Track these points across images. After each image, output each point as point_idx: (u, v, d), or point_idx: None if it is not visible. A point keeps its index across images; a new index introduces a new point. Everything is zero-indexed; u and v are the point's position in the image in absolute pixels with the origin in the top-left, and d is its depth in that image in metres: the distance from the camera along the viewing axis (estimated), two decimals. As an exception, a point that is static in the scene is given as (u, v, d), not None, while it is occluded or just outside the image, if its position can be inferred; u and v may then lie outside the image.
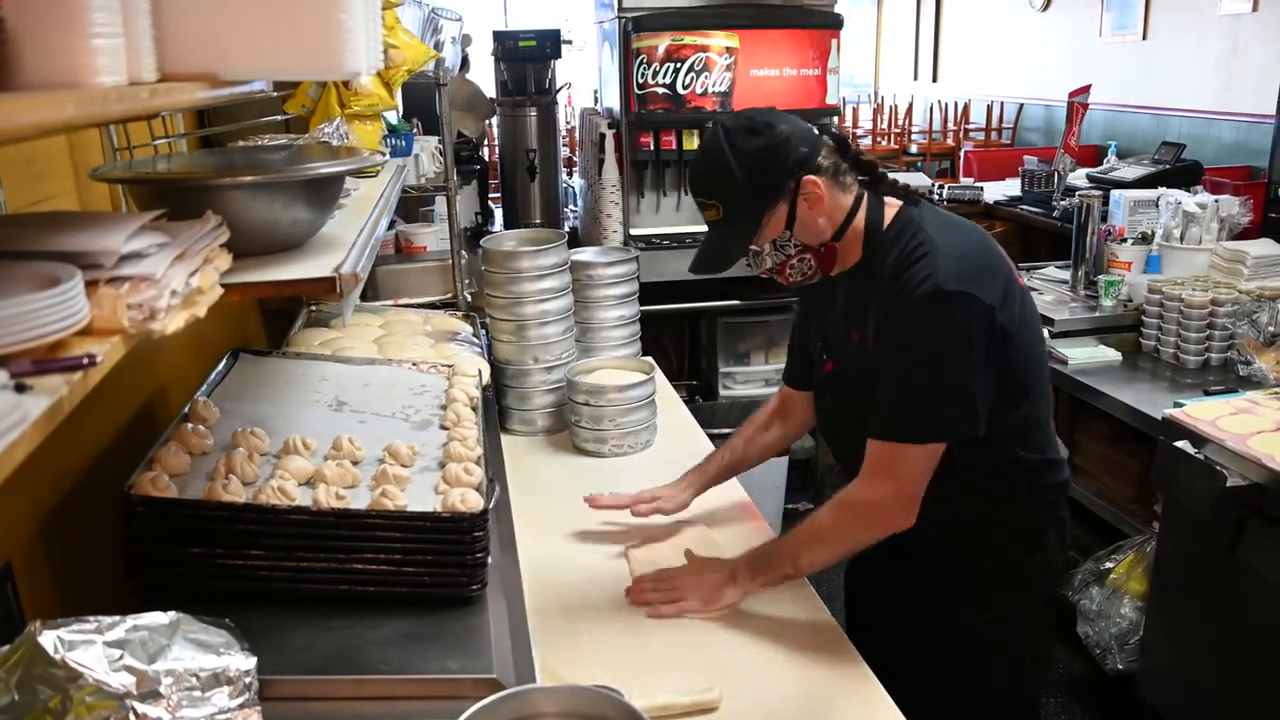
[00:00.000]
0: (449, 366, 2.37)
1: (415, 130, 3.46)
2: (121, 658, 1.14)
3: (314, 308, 2.98)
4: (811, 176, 1.74)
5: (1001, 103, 7.08)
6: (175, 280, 1.01)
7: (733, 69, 4.14)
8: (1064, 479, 1.96)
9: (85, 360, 0.86)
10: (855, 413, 1.82)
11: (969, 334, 1.67)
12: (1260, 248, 3.53)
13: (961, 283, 1.66)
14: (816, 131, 1.80)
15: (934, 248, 1.70)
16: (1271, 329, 3.15)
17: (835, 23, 4.24)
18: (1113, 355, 3.41)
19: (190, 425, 1.77)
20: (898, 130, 7.32)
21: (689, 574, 1.96)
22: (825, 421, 2.08)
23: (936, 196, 5.40)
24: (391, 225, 3.56)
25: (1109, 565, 3.13)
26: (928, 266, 1.68)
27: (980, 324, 1.67)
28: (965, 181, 5.85)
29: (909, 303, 1.68)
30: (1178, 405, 2.84)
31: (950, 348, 1.68)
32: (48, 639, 1.10)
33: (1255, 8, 4.81)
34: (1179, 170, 4.62)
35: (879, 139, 7.27)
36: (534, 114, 4.70)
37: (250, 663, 1.25)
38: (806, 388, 2.11)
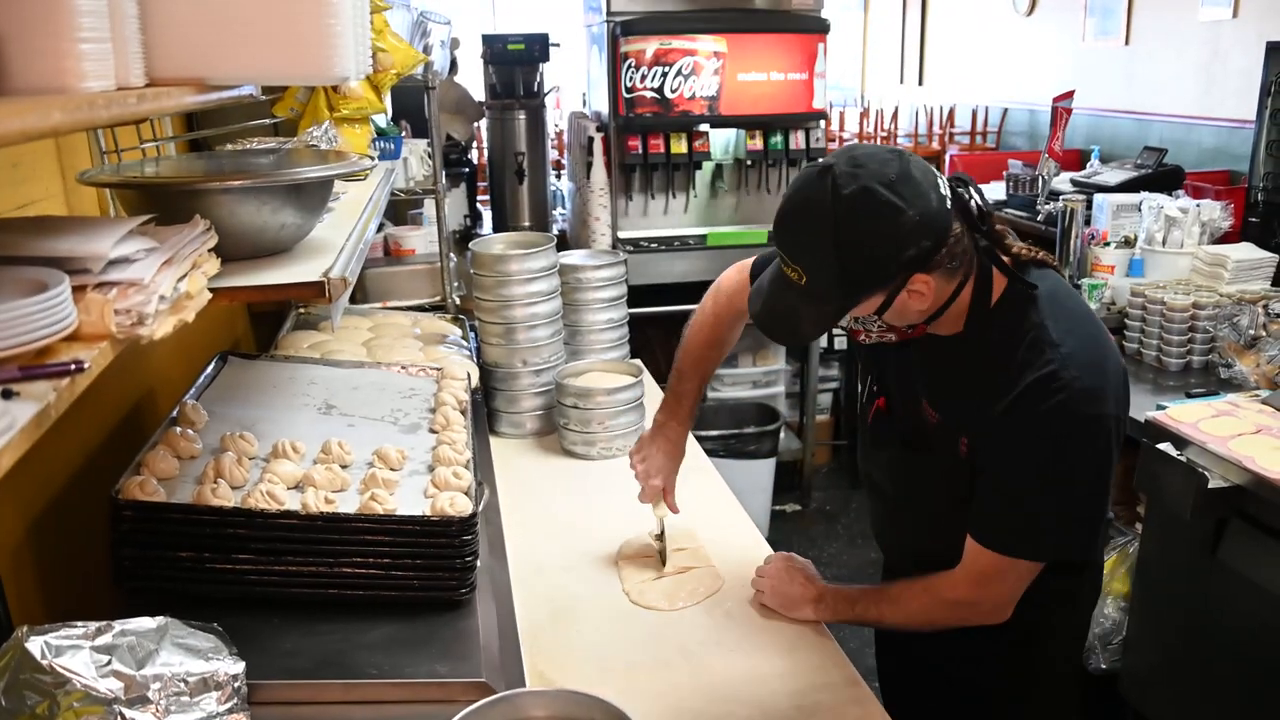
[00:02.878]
0: (438, 370, 2.38)
1: (404, 133, 3.46)
2: (109, 663, 1.14)
3: (302, 310, 2.98)
4: (925, 276, 1.47)
5: (986, 107, 7.10)
6: (163, 285, 1.01)
7: (720, 73, 4.15)
8: (1091, 581, 1.89)
9: (73, 366, 0.86)
10: (902, 463, 1.77)
11: (1100, 458, 1.55)
12: (1241, 252, 3.55)
13: (1095, 403, 1.51)
14: (949, 203, 1.48)
15: (1061, 355, 1.51)
16: (1252, 332, 3.18)
17: (822, 27, 4.26)
18: (1097, 358, 3.43)
19: (178, 429, 1.77)
20: (884, 134, 7.33)
21: (784, 575, 1.91)
22: (868, 446, 1.91)
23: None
24: (380, 228, 3.56)
25: (1094, 567, 3.15)
26: (1058, 379, 1.49)
27: (1110, 445, 1.55)
28: (951, 185, 5.87)
29: (1036, 415, 1.50)
30: (1160, 408, 2.86)
31: (1081, 473, 1.56)
32: (35, 644, 1.10)
33: (1235, 14, 4.84)
34: (1161, 175, 4.64)
35: (865, 143, 7.29)
36: (522, 117, 4.70)
37: (239, 667, 1.26)
38: None
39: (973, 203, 1.54)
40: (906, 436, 1.75)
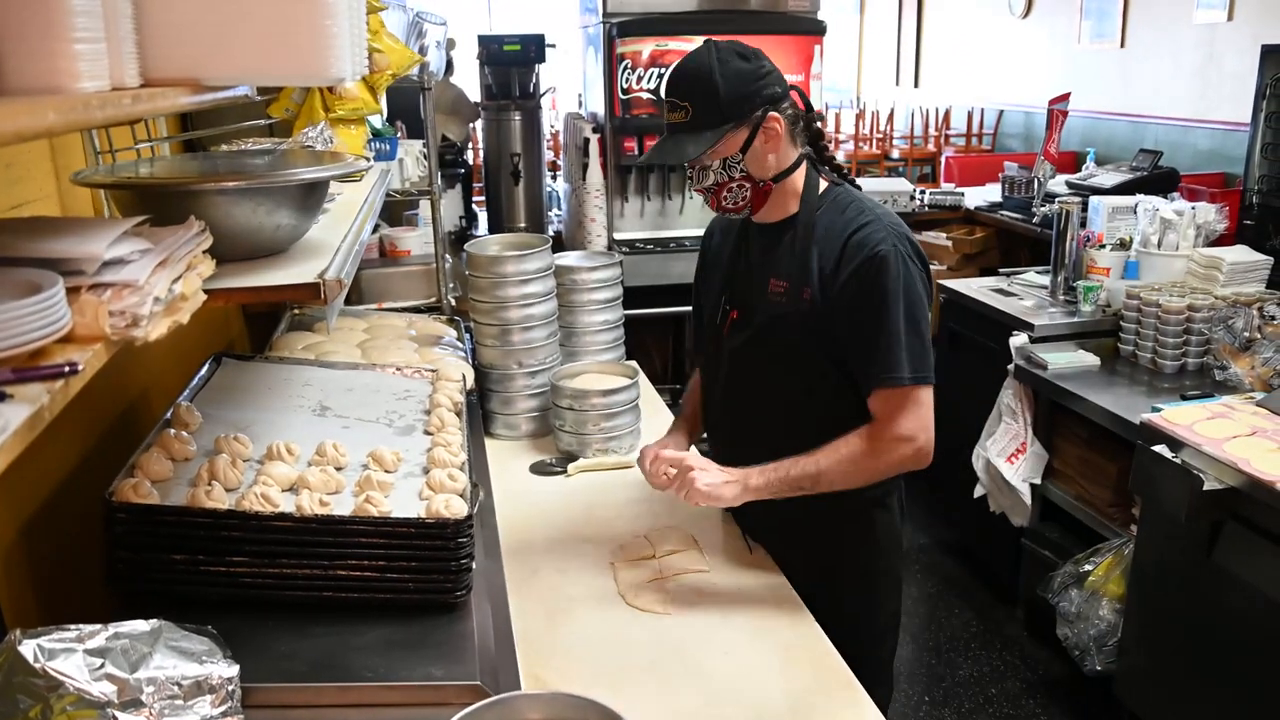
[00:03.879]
0: (433, 371, 2.37)
1: (399, 134, 3.46)
2: (103, 666, 1.13)
3: (297, 311, 2.97)
4: (776, 114, 1.89)
5: (982, 109, 7.11)
6: (158, 287, 1.01)
7: (716, 74, 4.14)
8: None
9: (66, 368, 0.86)
10: (762, 354, 2.02)
11: (922, 291, 1.89)
12: (1236, 254, 3.55)
13: (908, 246, 1.89)
14: (793, 89, 1.97)
15: (876, 217, 1.91)
16: (1247, 334, 3.18)
17: (818, 29, 4.26)
18: (1091, 360, 3.43)
19: (172, 431, 1.76)
20: (880, 136, 7.34)
21: (697, 465, 1.97)
22: (727, 368, 2.11)
23: (918, 202, 5.42)
24: (375, 229, 3.55)
25: (1088, 568, 3.15)
26: (879, 232, 1.88)
27: (920, 283, 1.89)
28: (946, 187, 5.87)
29: (873, 260, 1.85)
30: (1155, 410, 2.86)
31: (917, 302, 1.87)
32: (28, 648, 1.10)
33: (1230, 17, 4.86)
34: (1156, 177, 4.65)
35: (861, 144, 7.29)
36: (518, 118, 4.70)
37: (233, 670, 1.25)
38: None
39: (803, 95, 2.02)
40: (761, 321, 2.01)
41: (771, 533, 2.13)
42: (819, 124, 2.04)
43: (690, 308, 2.37)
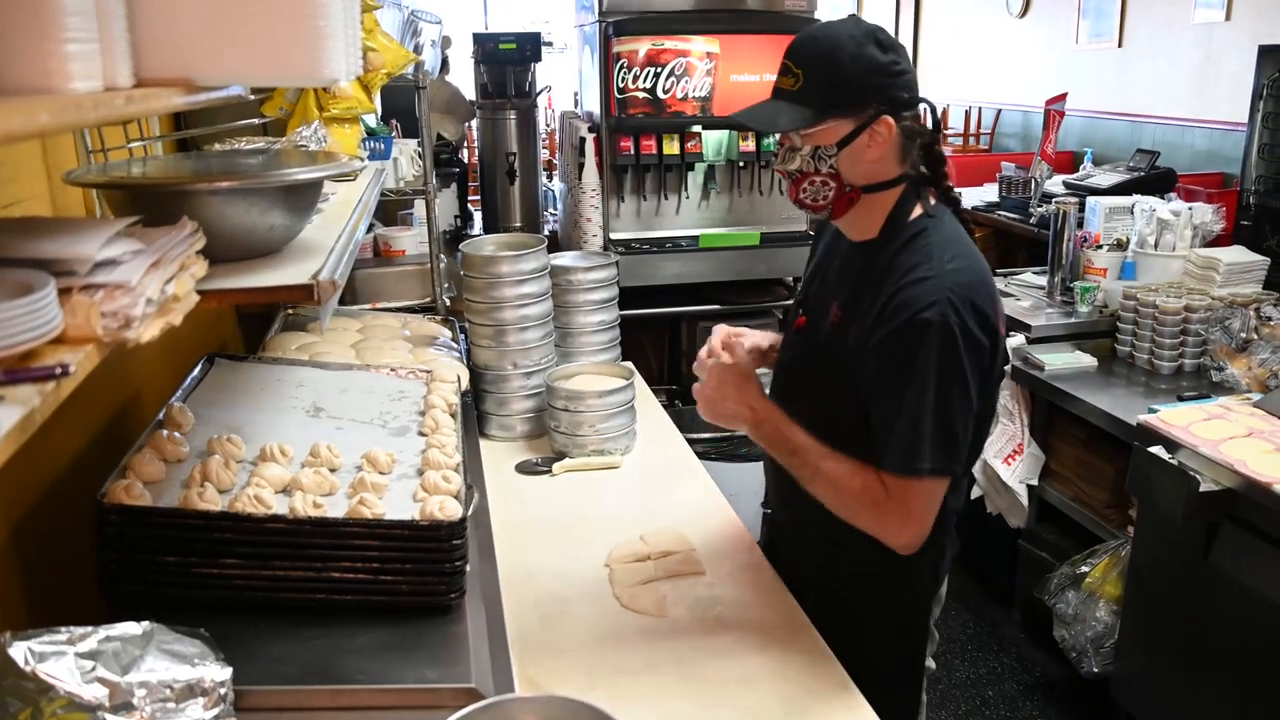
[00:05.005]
0: (427, 372, 2.36)
1: (394, 133, 3.45)
2: (94, 669, 1.13)
3: (291, 311, 2.96)
4: (891, 119, 1.69)
5: (979, 108, 7.11)
6: (150, 288, 1.00)
7: (713, 74, 4.14)
8: (949, 520, 1.93)
9: (58, 370, 0.85)
10: (804, 375, 1.90)
11: (969, 370, 1.65)
12: (1232, 255, 3.55)
13: (968, 317, 1.64)
14: (924, 103, 1.79)
15: (943, 272, 1.66)
16: (1244, 335, 3.18)
17: (814, 28, 4.25)
18: (1088, 361, 3.43)
19: (165, 432, 1.76)
20: (876, 135, 7.35)
21: (719, 390, 1.84)
22: (777, 374, 2.02)
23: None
24: (370, 228, 3.54)
25: (1085, 569, 3.15)
26: (934, 293, 1.64)
27: (970, 360, 1.65)
28: (943, 187, 5.88)
29: (913, 326, 1.64)
30: (1152, 411, 2.86)
31: (955, 382, 1.65)
32: (18, 650, 1.09)
33: (1228, 17, 4.86)
34: (1153, 177, 4.65)
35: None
36: (514, 117, 4.68)
37: (225, 673, 1.24)
38: None
39: (936, 118, 1.83)
40: (810, 344, 1.90)
41: (798, 567, 2.04)
42: (939, 147, 1.82)
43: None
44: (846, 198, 1.77)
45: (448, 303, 3.36)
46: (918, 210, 1.77)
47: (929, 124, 1.80)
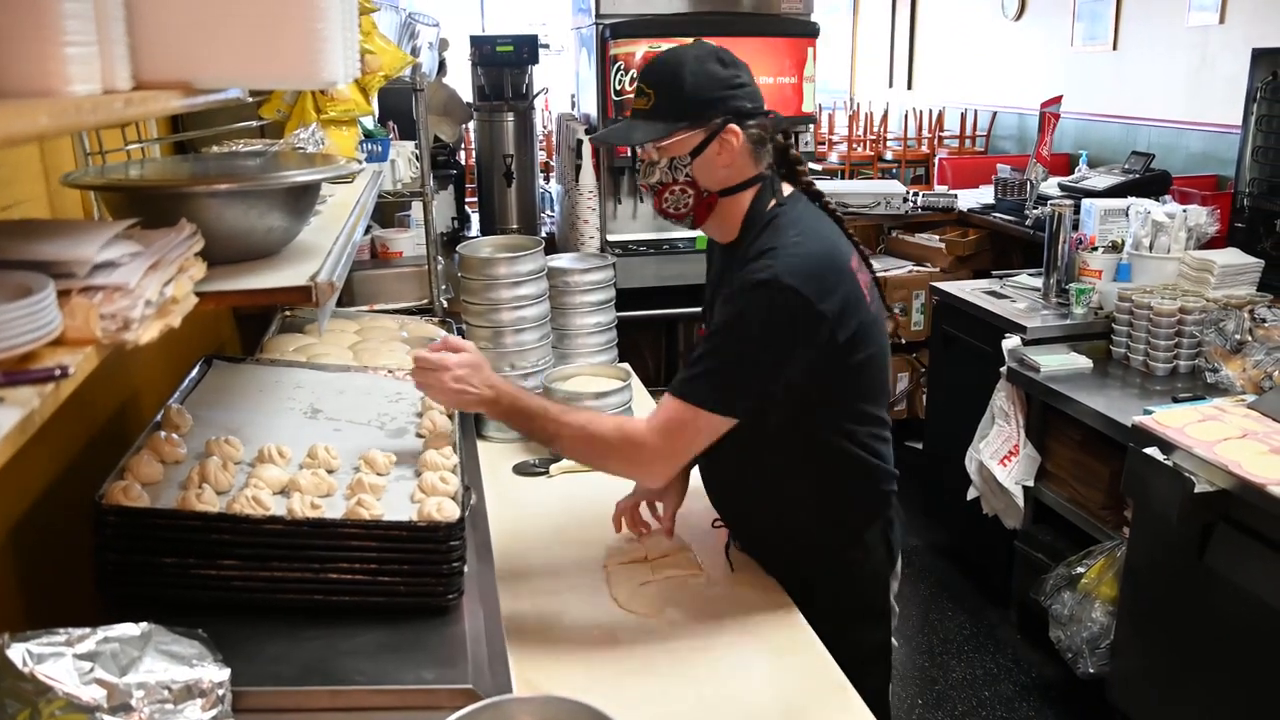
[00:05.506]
0: (424, 373, 2.36)
1: (392, 135, 3.45)
2: (92, 670, 1.13)
3: (288, 313, 2.96)
4: (736, 128, 1.83)
5: (975, 110, 7.13)
6: (149, 290, 1.01)
7: (709, 76, 4.14)
8: (887, 488, 2.00)
9: (57, 372, 0.85)
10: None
11: (781, 325, 1.75)
12: (1227, 257, 3.57)
13: (795, 279, 1.74)
14: (770, 115, 1.91)
15: (787, 244, 1.79)
16: (1238, 337, 3.19)
17: (811, 31, 4.26)
18: (1083, 362, 3.44)
19: (163, 433, 1.76)
20: (873, 137, 7.35)
21: (460, 366, 1.91)
22: None
23: (911, 204, 5.43)
24: (367, 230, 3.55)
25: (1080, 570, 3.15)
26: (774, 261, 1.76)
27: (799, 321, 1.75)
28: (939, 189, 5.89)
29: (741, 287, 1.78)
30: (1147, 412, 2.87)
31: (759, 332, 1.76)
32: (16, 652, 1.09)
33: (1222, 19, 4.87)
34: (1148, 180, 4.66)
35: (855, 145, 7.31)
36: (511, 119, 4.70)
37: (224, 674, 1.24)
38: None
39: (785, 128, 1.97)
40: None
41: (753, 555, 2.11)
42: (794, 151, 1.98)
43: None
44: (705, 203, 1.90)
45: (445, 304, 3.36)
46: (772, 204, 1.90)
47: (779, 131, 1.93)
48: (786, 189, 1.93)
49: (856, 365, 1.85)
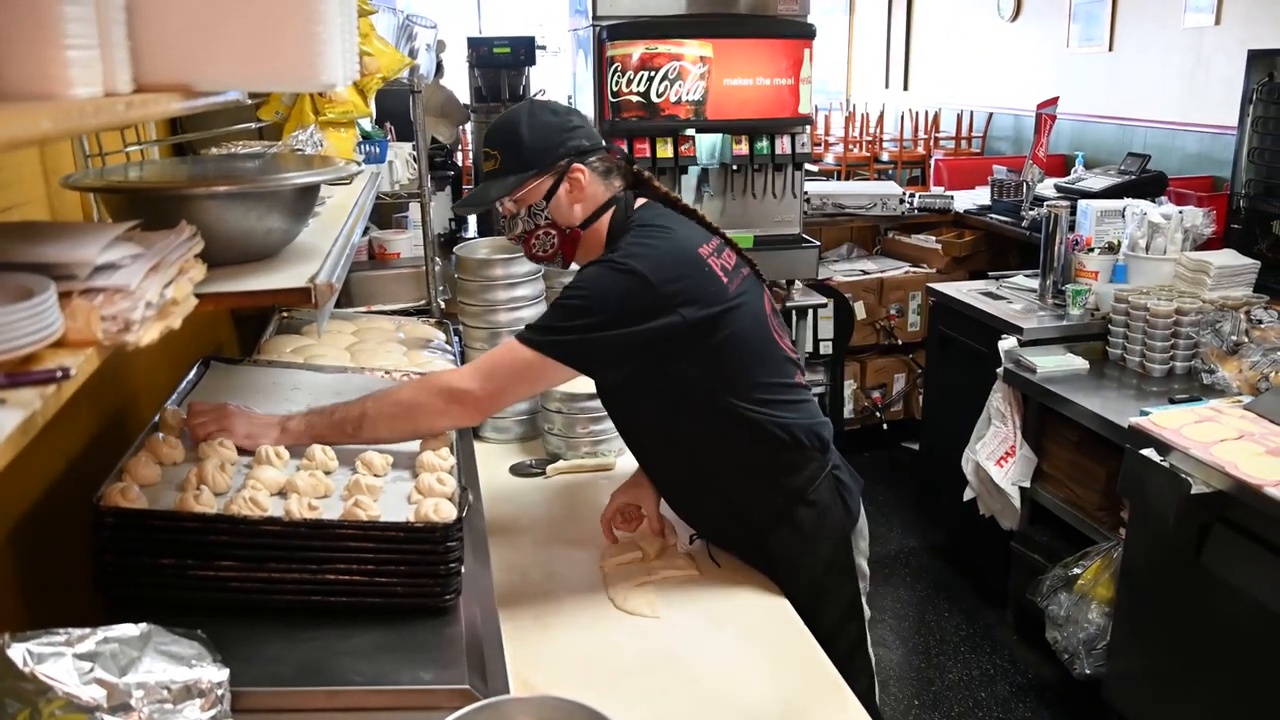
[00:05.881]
0: (422, 375, 2.36)
1: (389, 135, 3.45)
2: (92, 670, 1.13)
3: (286, 314, 2.96)
4: (580, 166, 1.98)
5: (971, 112, 7.14)
6: (150, 292, 1.01)
7: (706, 78, 4.16)
8: (810, 440, 2.04)
9: (59, 373, 0.86)
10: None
11: (621, 298, 1.84)
12: (1223, 258, 3.58)
13: (641, 264, 1.85)
14: (611, 148, 2.08)
15: (629, 240, 1.93)
16: (1234, 338, 3.20)
17: (808, 33, 4.27)
18: (1080, 363, 3.45)
19: (161, 435, 1.76)
20: (869, 138, 7.36)
21: (247, 423, 1.85)
22: None
23: (907, 205, 5.44)
24: (365, 231, 3.55)
25: (1076, 571, 3.16)
26: (612, 253, 1.92)
27: (636, 297, 1.84)
28: (936, 190, 5.90)
29: (583, 269, 1.95)
30: (1143, 413, 2.88)
31: (590, 296, 1.86)
32: (16, 652, 1.09)
33: (1218, 21, 4.89)
34: (1144, 181, 4.68)
35: (851, 147, 7.31)
36: (507, 121, 4.69)
37: (222, 674, 1.25)
38: None
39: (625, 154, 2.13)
40: None
41: (705, 539, 2.17)
42: (643, 172, 2.11)
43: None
44: (569, 239, 2.04)
45: (442, 305, 3.36)
46: (626, 218, 2.02)
47: (619, 157, 2.08)
48: (640, 201, 2.05)
49: (724, 341, 1.91)
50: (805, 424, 2.03)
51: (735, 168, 4.40)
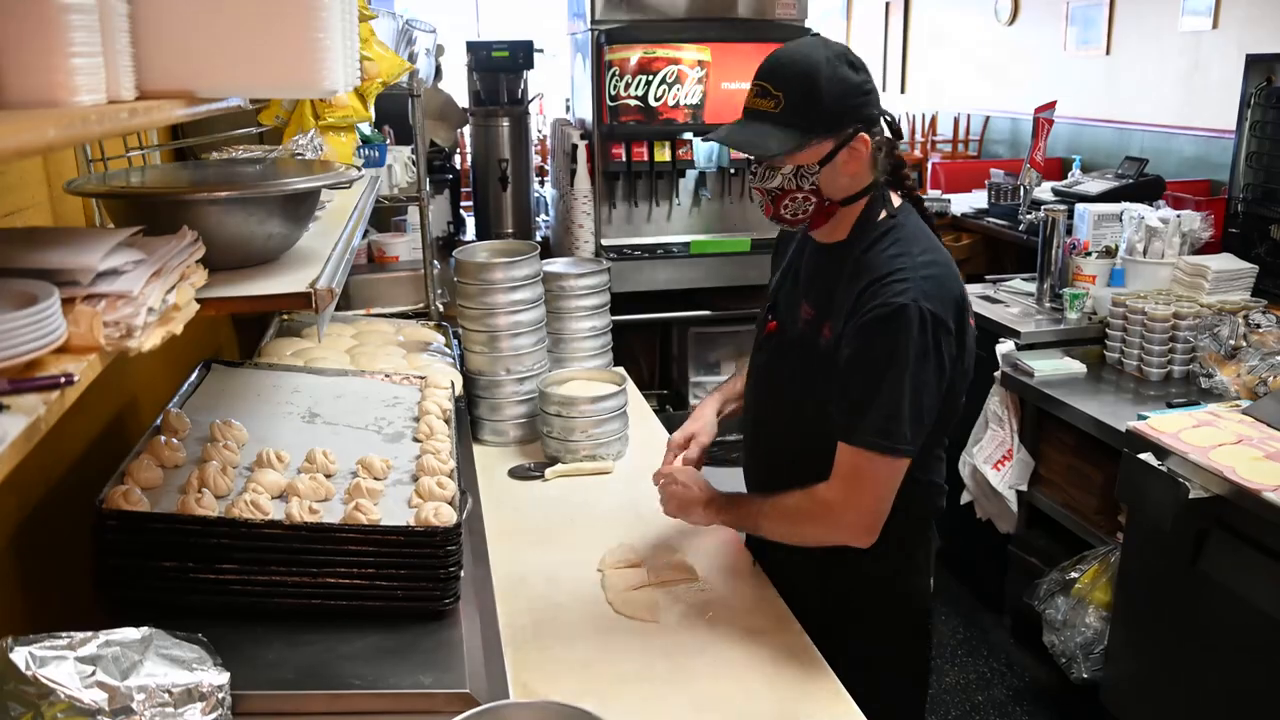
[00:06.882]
0: (421, 378, 2.37)
1: (388, 139, 3.46)
2: (94, 674, 1.14)
3: (285, 317, 2.97)
4: (867, 136, 1.77)
5: (968, 115, 7.14)
6: (152, 297, 1.01)
7: (704, 82, 4.16)
8: (941, 505, 2.04)
9: (62, 379, 0.86)
10: (781, 376, 1.98)
11: (926, 350, 1.71)
12: (1221, 262, 3.58)
13: (932, 303, 1.71)
14: (890, 118, 1.88)
15: (913, 266, 1.74)
16: (1232, 342, 3.21)
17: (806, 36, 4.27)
18: (1078, 367, 3.45)
19: (162, 437, 1.76)
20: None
21: (682, 482, 2.03)
22: (753, 379, 2.12)
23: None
24: (364, 235, 3.55)
25: (1074, 575, 3.16)
26: (907, 285, 1.71)
27: (944, 347, 1.73)
28: (933, 193, 5.89)
29: (887, 312, 1.71)
30: (1141, 418, 2.88)
31: (922, 369, 1.72)
32: (19, 655, 1.10)
33: (1215, 24, 4.89)
34: (1142, 185, 4.67)
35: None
36: (506, 124, 4.70)
37: (223, 678, 1.25)
38: None
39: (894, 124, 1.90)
40: (784, 344, 1.97)
41: (791, 568, 2.04)
42: (898, 152, 1.89)
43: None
44: (825, 211, 1.83)
45: (441, 308, 3.37)
46: (883, 213, 1.85)
47: (890, 129, 1.88)
48: (895, 200, 1.88)
49: (948, 394, 1.81)
50: (940, 490, 2.01)
51: (733, 171, 4.40)
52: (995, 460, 3.55)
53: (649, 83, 4.13)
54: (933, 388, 1.74)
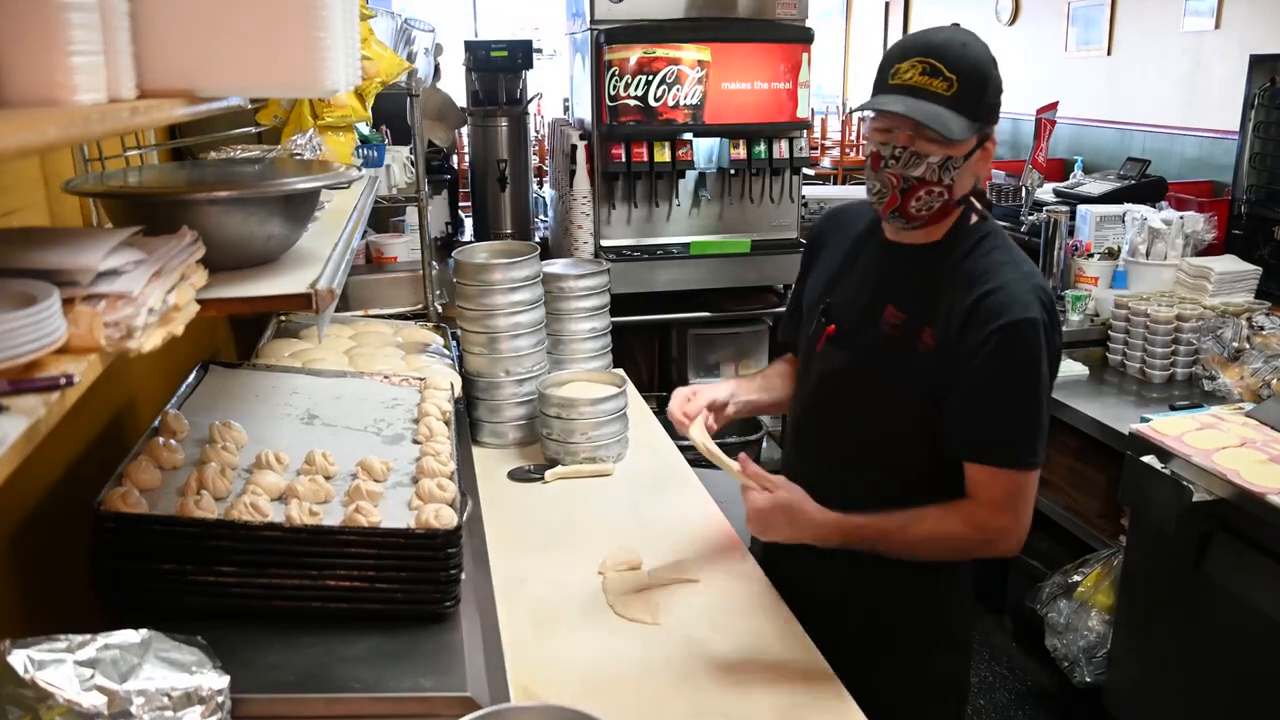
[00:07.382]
0: (421, 380, 2.36)
1: (386, 139, 3.45)
2: (92, 677, 1.13)
3: (283, 318, 2.96)
4: (993, 139, 1.78)
5: (969, 116, 7.15)
6: (152, 298, 1.00)
7: (704, 82, 4.15)
8: None
9: (62, 380, 0.85)
10: (852, 383, 1.87)
11: (1044, 361, 1.72)
12: (1224, 264, 3.58)
13: (1046, 314, 1.71)
14: None
15: (1022, 275, 1.74)
16: (1235, 345, 3.20)
17: (806, 37, 4.27)
18: (1080, 369, 3.45)
19: (161, 439, 1.75)
20: (865, 141, 7.36)
21: (786, 509, 1.77)
22: (814, 383, 1.97)
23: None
24: (362, 235, 3.54)
25: (1077, 579, 3.16)
26: (1023, 295, 1.70)
27: (1055, 354, 1.75)
28: (933, 195, 5.90)
29: (1016, 330, 1.68)
30: (1144, 420, 2.87)
31: (1048, 380, 1.73)
32: (17, 658, 1.09)
33: (1218, 25, 4.89)
34: (1144, 185, 4.68)
35: (848, 150, 7.31)
36: (505, 124, 4.69)
37: (223, 681, 1.24)
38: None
39: None
40: (865, 347, 1.85)
41: (828, 579, 1.95)
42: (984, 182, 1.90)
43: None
44: (943, 210, 1.78)
45: (439, 309, 3.36)
46: (974, 217, 1.83)
47: None
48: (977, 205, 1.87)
49: None
50: None
51: (733, 172, 4.39)
52: (996, 462, 3.54)
53: (649, 83, 4.12)
54: (1049, 398, 1.76)
